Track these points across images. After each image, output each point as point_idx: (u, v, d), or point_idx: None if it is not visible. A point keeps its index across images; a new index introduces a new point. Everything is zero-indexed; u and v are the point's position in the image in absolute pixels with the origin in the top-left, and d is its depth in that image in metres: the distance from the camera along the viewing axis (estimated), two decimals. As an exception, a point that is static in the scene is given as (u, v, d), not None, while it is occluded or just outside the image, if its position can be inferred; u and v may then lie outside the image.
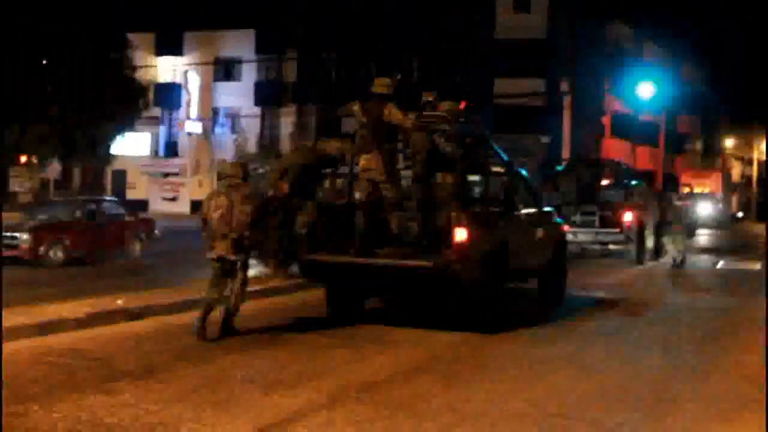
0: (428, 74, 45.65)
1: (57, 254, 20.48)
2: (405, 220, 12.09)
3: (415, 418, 7.46)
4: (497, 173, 14.10)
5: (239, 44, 54.70)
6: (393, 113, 11.70)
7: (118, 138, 28.55)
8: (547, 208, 15.84)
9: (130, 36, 31.30)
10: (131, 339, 10.90)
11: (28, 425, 6.96)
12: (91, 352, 9.93)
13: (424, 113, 12.18)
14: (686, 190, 49.37)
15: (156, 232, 24.23)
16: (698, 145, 77.39)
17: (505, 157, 14.08)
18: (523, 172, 15.03)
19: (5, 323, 10.87)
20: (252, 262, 12.43)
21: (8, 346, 9.94)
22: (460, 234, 11.39)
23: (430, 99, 12.38)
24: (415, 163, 12.05)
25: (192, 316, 12.79)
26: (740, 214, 72.20)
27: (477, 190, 14.38)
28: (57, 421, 7.06)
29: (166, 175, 57.21)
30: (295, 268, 12.61)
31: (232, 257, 11.05)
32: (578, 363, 10.21)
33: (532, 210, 14.63)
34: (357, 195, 12.71)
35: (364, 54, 47.89)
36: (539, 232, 14.54)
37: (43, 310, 11.98)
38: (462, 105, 22.26)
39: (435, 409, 7.80)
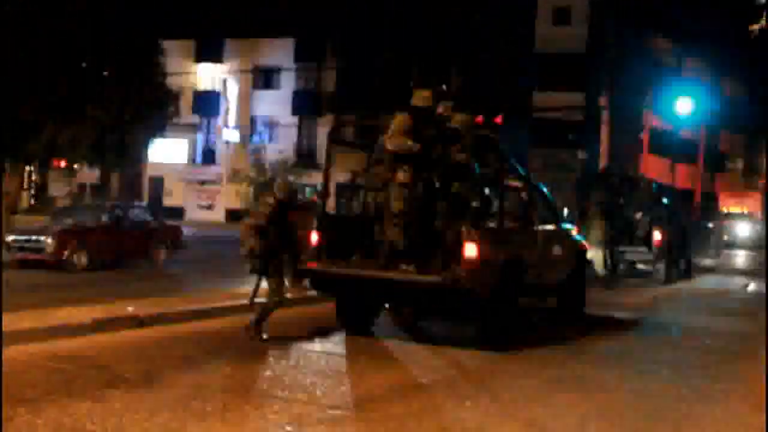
0: (466, 86, 45.52)
1: (81, 259, 20.51)
2: (416, 232, 11.89)
3: (403, 437, 7.32)
4: (515, 188, 13.93)
5: (278, 53, 54.85)
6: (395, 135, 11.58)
7: (150, 144, 28.62)
8: (566, 225, 15.64)
9: (168, 43, 31.41)
10: (136, 346, 10.86)
11: (10, 429, 6.93)
12: (92, 359, 9.90)
13: (443, 126, 12.05)
14: (723, 209, 48.86)
15: (182, 240, 24.25)
16: (739, 164, 76.16)
17: (523, 171, 13.91)
18: (543, 188, 14.82)
19: (12, 327, 10.90)
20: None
21: (11, 350, 9.95)
22: (470, 250, 11.22)
23: (441, 111, 12.22)
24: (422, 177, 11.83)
25: (202, 325, 12.82)
26: None
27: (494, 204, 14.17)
28: (39, 426, 7.02)
29: (203, 182, 57.48)
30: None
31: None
32: (585, 384, 10.00)
33: (549, 226, 14.45)
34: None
35: (402, 64, 47.82)
36: (557, 249, 14.34)
37: (53, 315, 11.99)
38: (498, 119, 22.02)
39: (425, 429, 7.65)
